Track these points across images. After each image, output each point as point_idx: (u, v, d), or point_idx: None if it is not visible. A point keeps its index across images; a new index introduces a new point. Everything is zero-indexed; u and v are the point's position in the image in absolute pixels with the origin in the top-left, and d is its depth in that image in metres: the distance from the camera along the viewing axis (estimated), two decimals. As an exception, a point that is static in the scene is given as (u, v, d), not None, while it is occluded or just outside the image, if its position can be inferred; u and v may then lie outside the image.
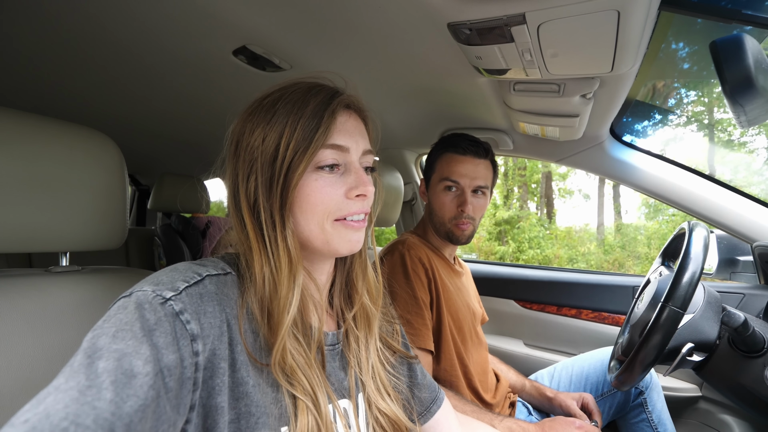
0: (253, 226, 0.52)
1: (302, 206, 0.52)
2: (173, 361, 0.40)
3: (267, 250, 0.51)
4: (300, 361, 0.52)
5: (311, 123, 0.51)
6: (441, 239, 1.20)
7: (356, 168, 0.55)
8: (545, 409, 1.23)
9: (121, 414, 0.34)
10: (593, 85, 0.93)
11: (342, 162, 0.55)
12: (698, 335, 0.85)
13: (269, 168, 0.51)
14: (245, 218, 0.52)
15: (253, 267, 0.52)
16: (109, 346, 0.37)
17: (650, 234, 8.62)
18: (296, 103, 0.52)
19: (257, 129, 0.52)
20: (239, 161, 0.53)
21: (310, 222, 0.53)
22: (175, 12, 0.83)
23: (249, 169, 0.52)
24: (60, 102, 1.36)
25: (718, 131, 7.88)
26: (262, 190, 0.52)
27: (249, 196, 0.52)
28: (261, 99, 0.55)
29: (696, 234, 0.83)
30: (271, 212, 0.51)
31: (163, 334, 0.40)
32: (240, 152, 0.53)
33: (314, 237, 0.54)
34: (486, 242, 10.02)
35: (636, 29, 0.69)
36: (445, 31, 0.80)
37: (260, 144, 0.51)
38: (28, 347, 0.58)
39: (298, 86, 0.55)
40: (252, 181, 0.52)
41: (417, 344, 0.99)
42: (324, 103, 0.53)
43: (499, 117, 1.33)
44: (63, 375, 0.35)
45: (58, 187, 0.66)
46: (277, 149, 0.51)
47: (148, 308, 0.41)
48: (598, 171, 1.44)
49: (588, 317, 1.64)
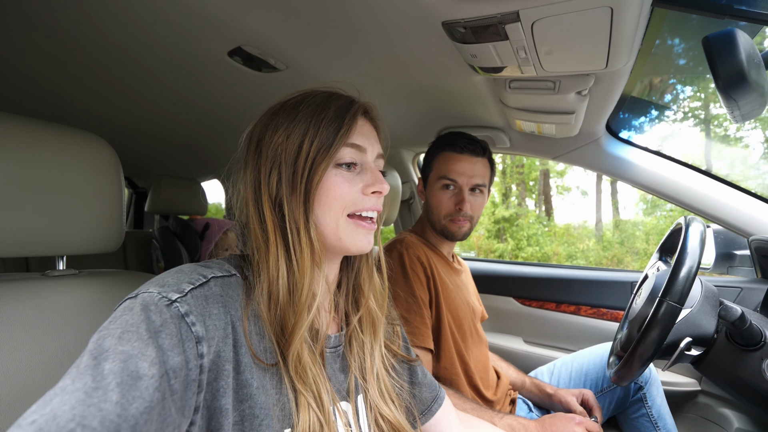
0: (273, 219, 0.53)
1: (321, 200, 0.55)
2: (178, 363, 0.40)
3: (288, 243, 0.53)
4: (308, 361, 0.52)
5: (334, 123, 0.55)
6: (438, 236, 1.20)
7: (372, 168, 0.59)
8: (545, 405, 1.24)
9: (127, 416, 0.34)
10: (588, 82, 0.94)
11: (359, 161, 0.58)
12: (696, 329, 0.85)
13: (292, 164, 0.54)
14: (265, 212, 0.53)
15: (268, 263, 0.52)
16: (115, 348, 0.37)
17: (648, 230, 8.64)
18: (318, 106, 0.56)
19: (280, 128, 0.55)
20: (261, 158, 0.55)
21: (327, 216, 0.55)
22: (169, 13, 0.83)
23: (272, 165, 0.54)
24: (55, 105, 1.36)
25: (714, 126, 7.91)
26: (285, 184, 0.54)
27: (271, 191, 0.54)
28: (282, 102, 0.58)
29: (693, 229, 0.83)
30: (294, 205, 0.53)
31: (169, 335, 0.41)
32: (262, 150, 0.55)
33: (328, 231, 0.56)
34: (485, 240, 10.03)
35: (629, 25, 0.69)
36: (439, 30, 0.80)
37: (284, 141, 0.54)
38: (26, 352, 0.58)
39: (319, 92, 0.58)
40: (275, 177, 0.54)
41: (416, 343, 1.00)
42: (345, 107, 0.57)
43: (495, 115, 1.33)
44: (69, 376, 0.36)
45: (53, 190, 0.65)
46: (300, 146, 0.53)
47: (153, 310, 0.42)
48: (595, 167, 1.45)
49: (587, 313, 1.64)
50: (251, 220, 0.54)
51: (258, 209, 0.54)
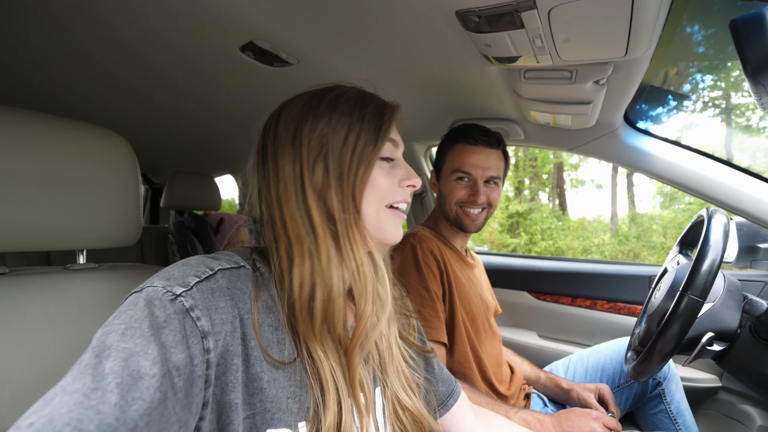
0: (319, 210, 0.53)
1: (366, 191, 0.55)
2: (182, 360, 0.39)
3: (337, 235, 0.53)
4: (331, 355, 0.52)
5: (376, 119, 0.56)
6: (451, 228, 1.19)
7: (404, 163, 0.61)
8: (561, 400, 1.23)
9: (126, 419, 0.33)
10: (606, 71, 0.91)
11: (395, 156, 0.60)
12: (719, 324, 0.83)
13: (338, 155, 0.53)
14: (310, 202, 0.52)
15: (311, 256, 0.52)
16: (118, 345, 0.37)
17: (666, 223, 8.44)
18: (358, 100, 0.57)
19: (323, 119, 0.54)
20: (303, 147, 0.53)
21: (370, 206, 0.56)
22: (180, 10, 0.84)
23: (317, 155, 0.53)
24: (73, 104, 1.39)
25: (736, 116, 7.67)
26: (333, 175, 0.53)
27: (316, 182, 0.53)
28: (317, 93, 0.57)
29: (715, 221, 0.81)
30: (341, 197, 0.53)
31: (173, 332, 0.40)
32: (302, 140, 0.53)
33: (370, 221, 0.56)
34: (498, 235, 9.94)
35: (651, 10, 0.66)
36: (453, 20, 0.78)
37: (330, 132, 0.54)
38: (49, 343, 0.59)
39: (348, 87, 0.59)
40: (320, 167, 0.53)
41: (430, 337, 0.99)
42: (383, 104, 0.59)
43: (509, 106, 1.31)
44: (71, 374, 0.35)
45: (73, 186, 0.67)
46: (347, 138, 0.54)
47: (158, 305, 0.41)
48: (612, 159, 1.42)
49: (603, 308, 1.62)
50: (290, 212, 0.52)
51: (299, 200, 0.53)
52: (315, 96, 0.57)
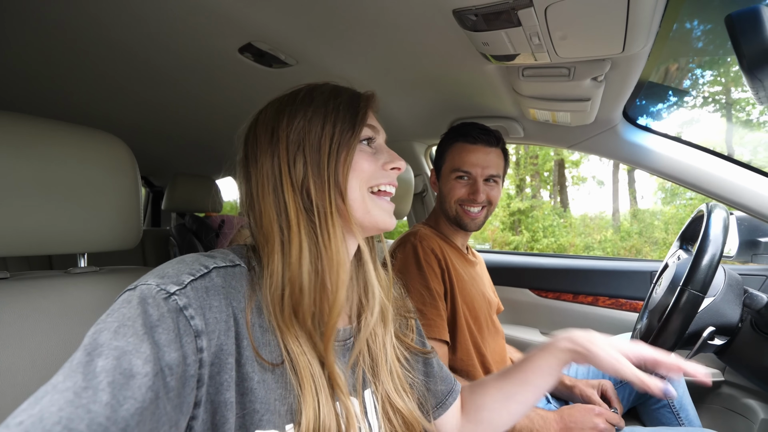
0: (296, 204, 0.53)
1: (349, 174, 0.55)
2: (175, 359, 0.39)
3: (315, 227, 0.53)
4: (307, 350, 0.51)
5: (351, 107, 0.57)
6: (452, 227, 1.19)
7: (387, 148, 0.62)
8: (564, 397, 1.23)
9: (117, 418, 0.33)
10: (604, 67, 0.91)
11: (375, 139, 0.61)
12: (719, 318, 0.83)
13: (317, 145, 0.54)
14: (287, 196, 0.52)
15: (283, 251, 0.51)
16: (110, 343, 0.37)
17: (667, 219, 8.43)
18: (332, 93, 0.57)
19: (298, 114, 0.55)
20: (280, 146, 0.54)
21: (355, 190, 0.56)
22: (179, 11, 0.84)
23: (296, 149, 0.54)
24: (72, 108, 1.39)
25: (736, 111, 7.65)
26: (311, 166, 0.53)
27: (296, 176, 0.53)
28: (289, 93, 0.58)
29: (715, 215, 0.81)
30: (321, 186, 0.53)
31: (166, 330, 0.40)
32: (280, 138, 0.54)
33: (357, 206, 0.56)
34: (500, 233, 9.94)
35: (647, 6, 0.66)
36: (450, 18, 0.78)
37: (306, 125, 0.54)
38: (51, 347, 0.60)
39: (323, 83, 0.60)
40: (300, 160, 0.53)
41: (431, 335, 0.99)
42: (356, 94, 0.59)
43: (508, 104, 1.31)
44: (62, 372, 0.35)
45: (73, 189, 0.67)
46: (323, 128, 0.54)
47: (151, 303, 0.41)
48: (612, 156, 1.41)
49: (605, 304, 1.62)
50: (266, 208, 0.53)
51: (277, 196, 0.53)
52: (290, 96, 0.58)
